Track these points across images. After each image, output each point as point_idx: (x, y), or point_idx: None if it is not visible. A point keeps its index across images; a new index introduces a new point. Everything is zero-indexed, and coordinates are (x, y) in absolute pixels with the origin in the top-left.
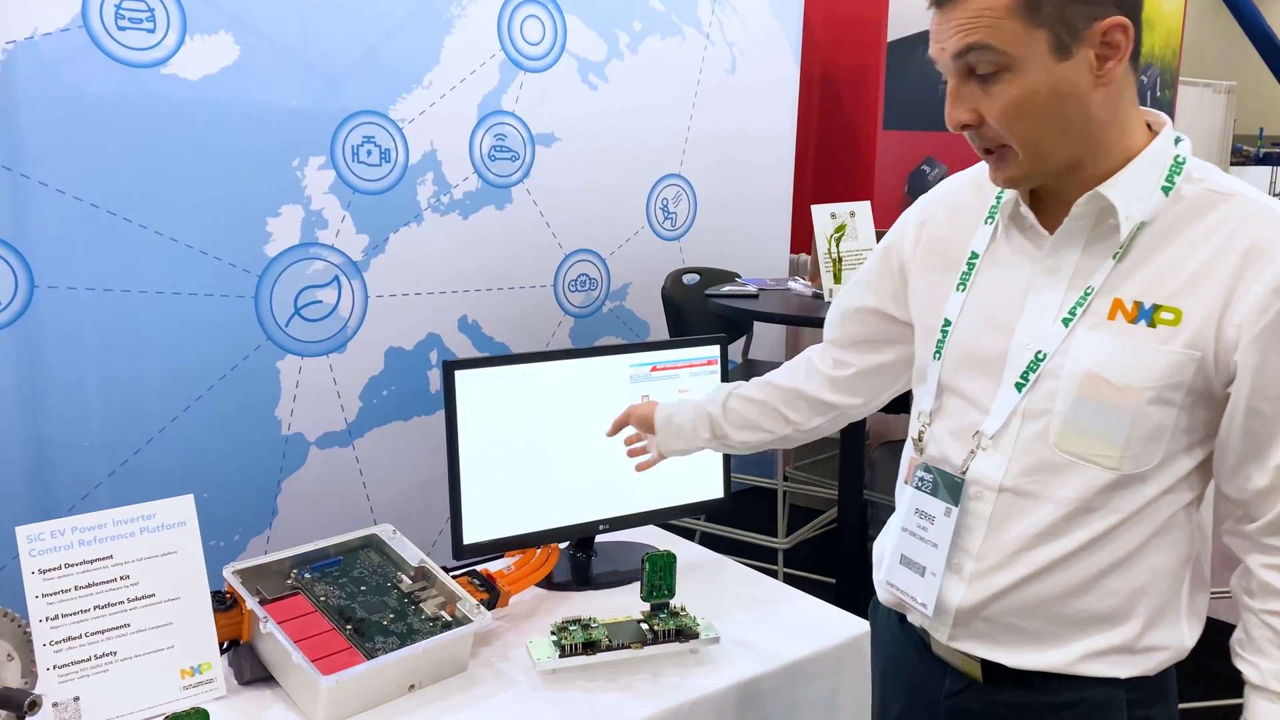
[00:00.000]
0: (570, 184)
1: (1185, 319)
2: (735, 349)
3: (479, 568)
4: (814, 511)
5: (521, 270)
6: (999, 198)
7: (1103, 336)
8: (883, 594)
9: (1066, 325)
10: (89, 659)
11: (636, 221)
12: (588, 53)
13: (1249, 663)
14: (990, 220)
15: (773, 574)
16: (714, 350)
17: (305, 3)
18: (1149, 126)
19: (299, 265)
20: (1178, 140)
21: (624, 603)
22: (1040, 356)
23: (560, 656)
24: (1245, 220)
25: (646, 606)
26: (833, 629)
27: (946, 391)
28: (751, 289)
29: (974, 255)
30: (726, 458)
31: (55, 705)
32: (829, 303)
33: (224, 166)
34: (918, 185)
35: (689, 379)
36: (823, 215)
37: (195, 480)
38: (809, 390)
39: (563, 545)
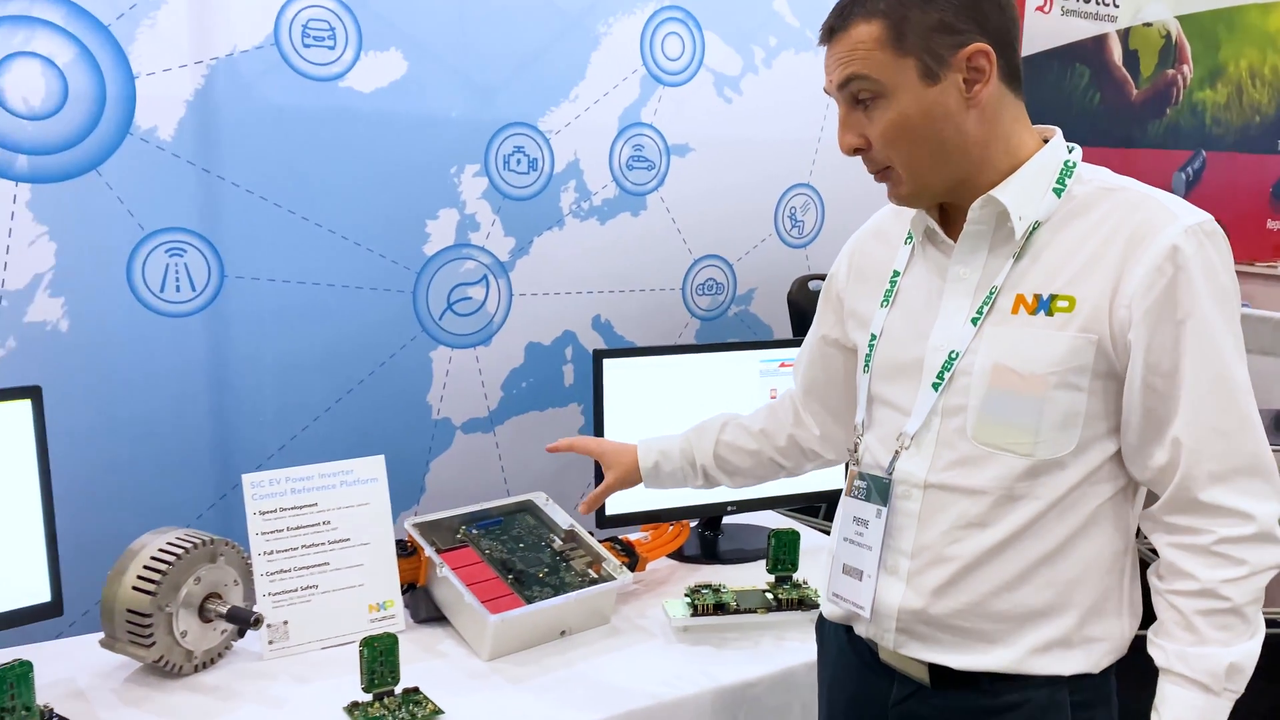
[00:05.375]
0: (701, 192)
1: (1079, 305)
2: None
3: (619, 536)
4: None
5: (652, 273)
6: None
7: (1007, 330)
8: (828, 609)
9: (975, 324)
10: (296, 589)
11: (764, 229)
12: (724, 67)
13: (1157, 646)
14: (909, 241)
15: None
16: None
17: (467, 22)
18: (1046, 141)
19: (453, 264)
20: (1071, 150)
21: (748, 576)
22: (953, 356)
23: (693, 615)
24: (1129, 209)
25: (771, 578)
26: None
27: (875, 402)
28: None
29: (895, 273)
30: None
31: (269, 626)
32: None
33: (390, 172)
34: None
35: None
36: None
37: (353, 458)
38: (801, 439)
39: (693, 523)
